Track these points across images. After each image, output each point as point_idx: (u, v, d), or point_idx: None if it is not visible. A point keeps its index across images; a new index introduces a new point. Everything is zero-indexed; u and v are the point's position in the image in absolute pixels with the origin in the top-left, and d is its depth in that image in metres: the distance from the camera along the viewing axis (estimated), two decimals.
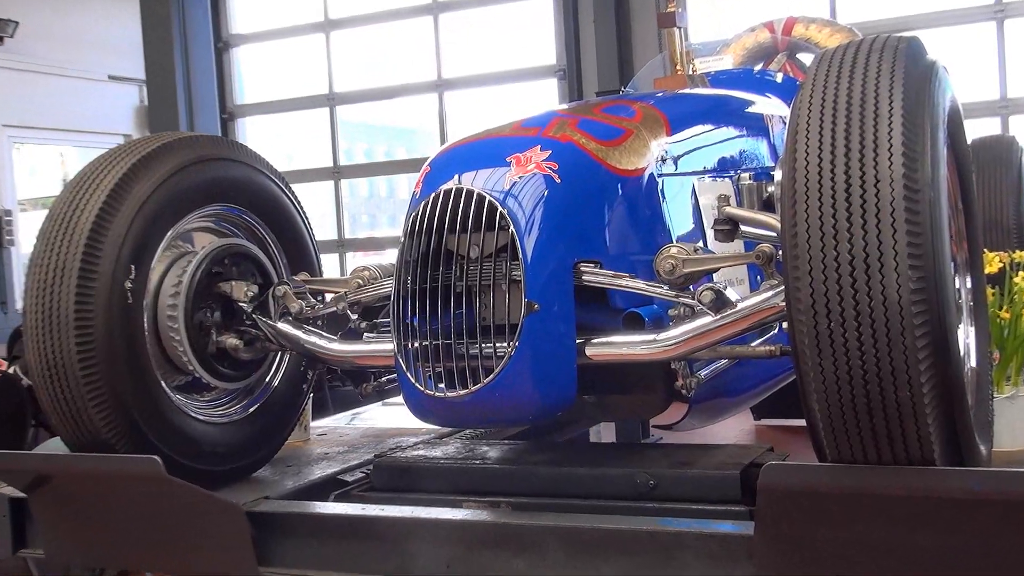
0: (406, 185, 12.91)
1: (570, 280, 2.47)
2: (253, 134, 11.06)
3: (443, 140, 9.91)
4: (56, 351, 2.63)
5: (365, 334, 2.87)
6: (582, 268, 2.49)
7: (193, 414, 2.90)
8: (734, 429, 4.85)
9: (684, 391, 2.59)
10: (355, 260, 10.91)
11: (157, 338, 2.85)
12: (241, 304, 2.99)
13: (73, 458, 2.75)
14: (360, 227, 12.63)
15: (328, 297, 3.06)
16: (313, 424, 3.85)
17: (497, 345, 2.41)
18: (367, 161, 12.07)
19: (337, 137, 10.61)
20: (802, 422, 2.07)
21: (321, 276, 3.28)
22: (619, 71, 8.76)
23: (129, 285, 2.69)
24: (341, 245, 10.47)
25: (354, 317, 2.90)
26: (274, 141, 11.30)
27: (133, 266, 2.70)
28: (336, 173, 10.55)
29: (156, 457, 2.59)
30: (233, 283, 2.98)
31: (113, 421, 2.66)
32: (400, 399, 2.64)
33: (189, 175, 2.87)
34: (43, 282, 2.66)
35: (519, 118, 2.83)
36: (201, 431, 2.89)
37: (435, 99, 10.10)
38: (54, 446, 3.43)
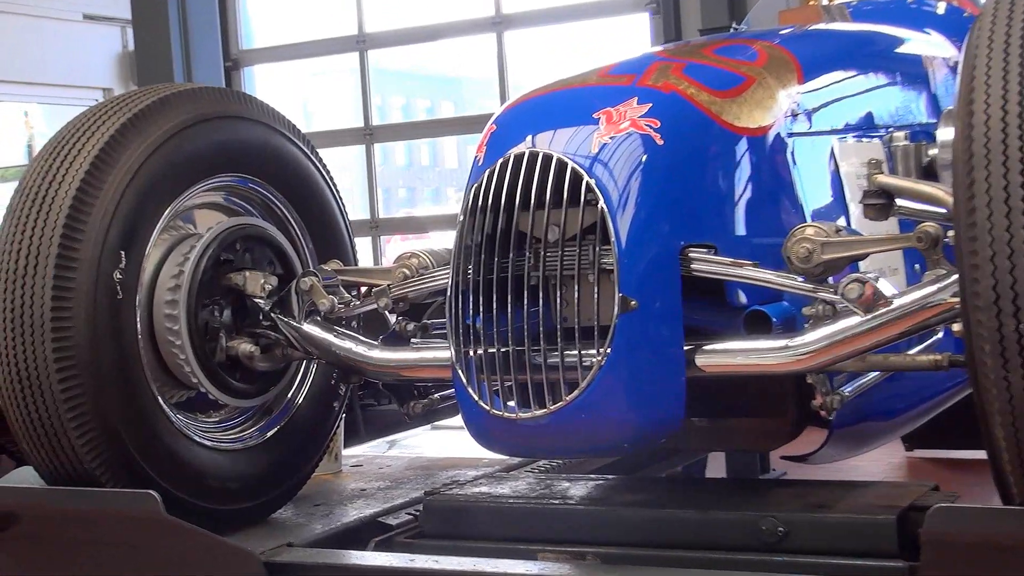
0: (453, 151, 12.98)
1: (676, 270, 2.46)
2: (263, 86, 11.17)
3: (502, 92, 9.90)
4: (28, 359, 2.67)
5: (413, 339, 2.88)
6: (692, 254, 2.48)
7: (198, 439, 2.94)
8: (880, 462, 4.81)
9: (823, 413, 2.56)
10: (390, 246, 10.97)
11: (153, 343, 2.89)
12: (257, 300, 3.01)
13: (48, 493, 2.80)
14: (395, 203, 12.72)
15: (365, 291, 3.07)
16: (346, 452, 3.88)
17: (584, 353, 2.40)
18: (405, 120, 12.14)
19: (368, 90, 10.66)
20: (974, 454, 2.04)
21: (356, 265, 3.30)
22: (728, 3, 8.70)
23: (118, 276, 2.72)
24: (374, 226, 10.54)
25: (398, 317, 2.90)
26: (289, 95, 11.40)
27: (123, 252, 2.74)
28: (367, 135, 10.60)
29: (153, 492, 2.62)
30: (247, 274, 3.01)
31: (99, 447, 2.69)
32: (457, 420, 2.64)
33: (191, 138, 2.90)
34: (11, 273, 2.70)
35: (607, 63, 2.83)
36: (208, 460, 2.92)
37: (492, 40, 10.11)
38: (22, 478, 3.48)
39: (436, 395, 3.04)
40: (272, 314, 3.01)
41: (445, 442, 4.15)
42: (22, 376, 2.68)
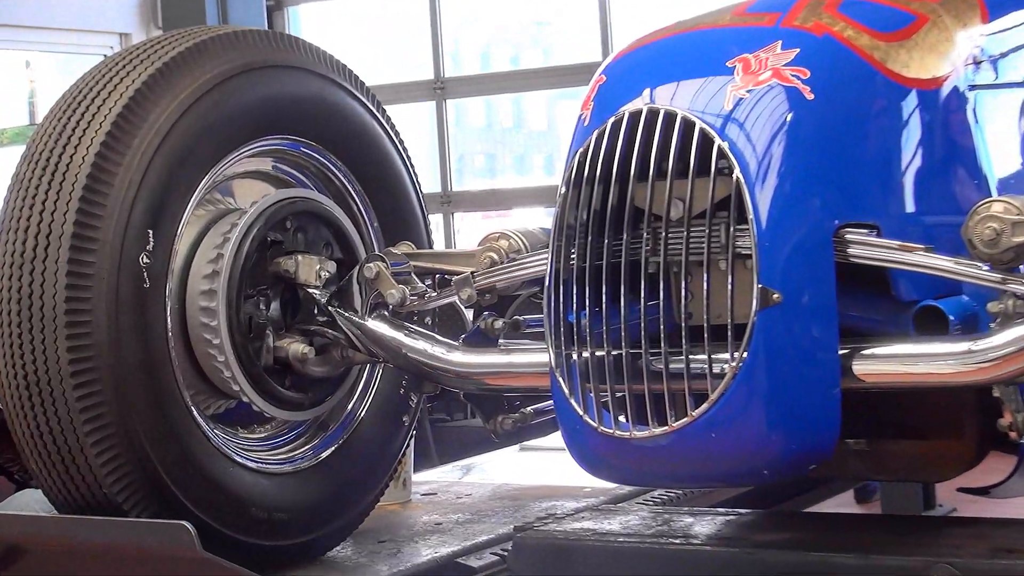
0: (542, 109, 12.95)
1: (830, 255, 2.45)
2: (310, 30, 11.25)
3: (604, 38, 9.87)
4: (37, 360, 2.70)
5: (502, 339, 2.89)
6: (849, 236, 2.47)
7: (239, 459, 2.96)
8: None
9: (1013, 434, 2.53)
10: (465, 224, 10.99)
11: (186, 342, 2.92)
12: (311, 291, 3.03)
13: (60, 523, 2.84)
14: (471, 173, 12.72)
15: (440, 280, 3.08)
16: (416, 478, 3.90)
17: (714, 357, 2.40)
18: (483, 71, 12.13)
19: (439, 34, 10.69)
20: None
21: (431, 248, 3.30)
22: None
23: (145, 261, 2.75)
24: (446, 201, 10.57)
25: (483, 313, 2.92)
26: (342, 41, 11.45)
27: (150, 232, 2.76)
28: (438, 89, 10.64)
29: (186, 524, 2.64)
30: (299, 258, 3.03)
31: (121, 467, 2.72)
32: (552, 440, 2.65)
33: (232, 92, 2.93)
34: (18, 256, 2.73)
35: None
36: (251, 485, 2.95)
37: None
38: (24, 504, 3.53)
39: (528, 409, 3.03)
40: (330, 308, 3.03)
41: (537, 466, 4.15)
42: (30, 380, 2.71)
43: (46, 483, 2.81)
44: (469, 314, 3.13)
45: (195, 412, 2.87)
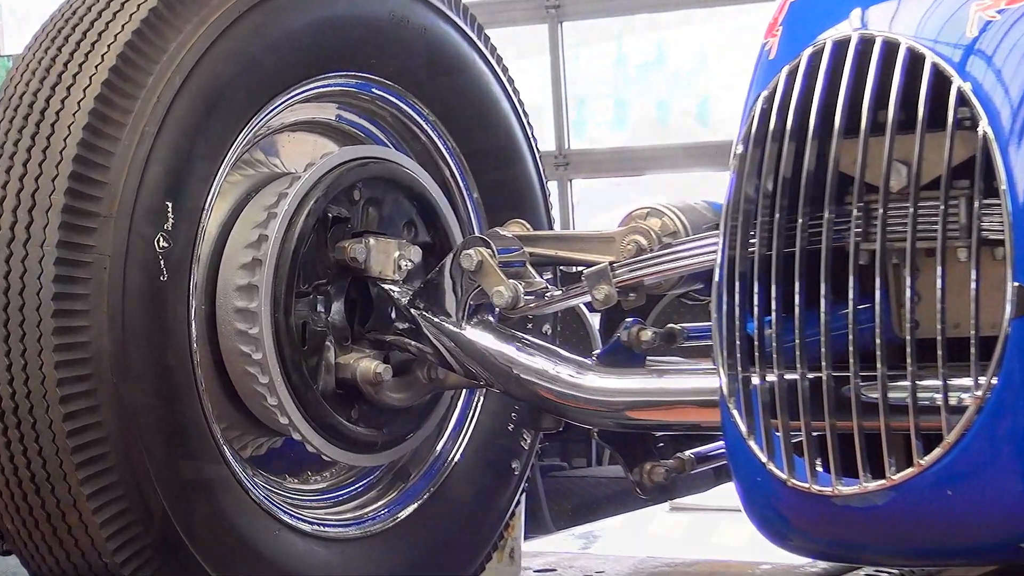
0: (694, 36, 12.92)
1: None
2: None
3: None
4: (15, 381, 2.72)
5: (649, 357, 2.89)
6: None
7: (289, 518, 2.98)
8: None
9: None
10: (587, 194, 10.98)
11: (217, 356, 2.96)
12: (389, 287, 3.06)
13: None
14: (595, 124, 12.71)
15: (561, 275, 3.09)
16: (527, 548, 3.90)
17: (951, 383, 2.38)
18: None
19: None
20: None
21: (552, 228, 3.31)
22: None
23: (162, 244, 2.77)
24: (562, 163, 10.59)
25: (625, 319, 2.92)
26: None
27: (169, 204, 2.78)
28: (551, 8, 10.66)
29: None
30: (371, 242, 3.06)
31: (128, 528, 2.74)
32: (719, 496, 2.64)
33: (280, 13, 2.94)
34: None
35: None
36: (304, 555, 2.97)
37: None
38: None
39: (687, 453, 3.03)
40: (413, 310, 3.05)
41: (696, 532, 4.13)
42: (6, 407, 2.73)
43: (26, 547, 2.84)
44: (594, 320, 3.12)
45: (228, 453, 2.88)
